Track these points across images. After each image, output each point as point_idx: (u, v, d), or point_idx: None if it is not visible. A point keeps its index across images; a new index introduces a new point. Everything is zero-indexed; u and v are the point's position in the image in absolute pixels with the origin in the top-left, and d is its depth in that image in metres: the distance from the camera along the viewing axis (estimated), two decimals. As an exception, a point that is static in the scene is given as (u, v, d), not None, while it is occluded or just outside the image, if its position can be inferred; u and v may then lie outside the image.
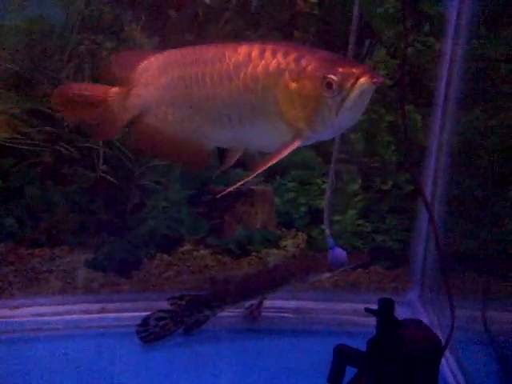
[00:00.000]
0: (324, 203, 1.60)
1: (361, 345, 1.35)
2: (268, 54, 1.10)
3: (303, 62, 1.07)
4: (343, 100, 1.04)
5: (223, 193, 1.21)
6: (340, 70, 1.03)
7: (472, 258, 1.74)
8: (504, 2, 1.65)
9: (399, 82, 1.69)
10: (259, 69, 1.10)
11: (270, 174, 2.09)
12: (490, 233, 1.70)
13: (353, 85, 1.02)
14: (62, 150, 1.87)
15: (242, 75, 1.12)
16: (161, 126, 1.26)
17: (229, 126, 1.17)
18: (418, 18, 1.88)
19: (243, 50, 1.13)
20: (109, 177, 1.87)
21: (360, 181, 2.06)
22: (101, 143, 1.85)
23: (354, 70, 1.03)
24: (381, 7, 1.80)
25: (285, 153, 1.10)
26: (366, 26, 1.81)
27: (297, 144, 1.11)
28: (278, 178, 2.11)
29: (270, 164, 1.12)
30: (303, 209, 2.09)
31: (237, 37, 1.78)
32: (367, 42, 1.92)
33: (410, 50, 1.87)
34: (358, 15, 1.31)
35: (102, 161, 1.85)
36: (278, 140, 1.13)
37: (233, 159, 1.27)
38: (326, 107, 1.05)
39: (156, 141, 1.28)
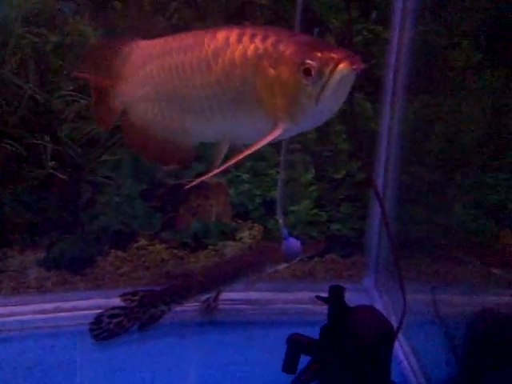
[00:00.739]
0: (277, 194, 1.60)
1: (317, 333, 1.36)
2: (246, 38, 1.03)
3: (281, 47, 1.00)
4: (323, 87, 0.96)
5: (194, 183, 1.13)
6: (319, 55, 0.96)
7: (424, 242, 1.77)
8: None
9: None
10: (237, 54, 1.04)
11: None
12: (439, 218, 1.73)
13: (332, 71, 0.95)
14: (8, 147, 1.82)
15: (220, 62, 1.05)
16: (144, 124, 1.20)
17: (211, 119, 1.10)
18: (366, 6, 1.89)
19: (221, 35, 1.06)
20: (58, 173, 1.82)
21: (313, 170, 2.07)
22: (48, 139, 1.80)
23: (333, 55, 0.96)
24: (328, -4, 1.80)
25: (262, 143, 1.03)
26: (314, 15, 1.81)
27: (276, 134, 1.03)
28: (232, 169, 2.10)
29: (246, 154, 1.04)
30: (258, 200, 2.09)
31: (185, 28, 1.75)
32: (316, 31, 1.92)
33: (358, 38, 1.88)
34: (301, 3, 1.30)
35: (49, 157, 1.80)
36: (261, 131, 1.06)
37: (220, 155, 1.18)
38: (305, 95, 0.98)
39: (140, 140, 1.22)
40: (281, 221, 1.59)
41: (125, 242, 2.00)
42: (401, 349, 1.64)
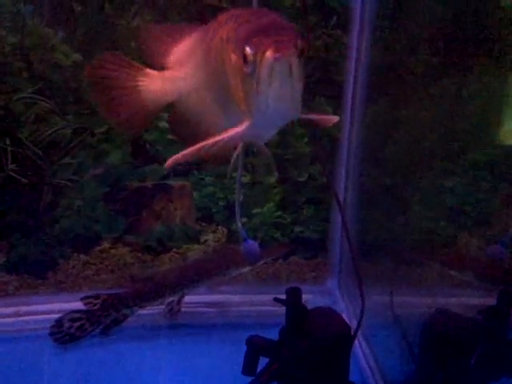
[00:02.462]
0: (235, 196, 1.60)
1: (275, 335, 1.37)
2: (226, 20, 0.95)
3: (240, 31, 0.90)
4: (258, 77, 0.86)
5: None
6: (254, 40, 0.86)
7: (384, 245, 1.79)
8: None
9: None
10: (216, 39, 0.97)
11: (187, 169, 2.09)
12: (399, 221, 1.76)
13: (261, 59, 0.85)
14: (-34, 149, 1.79)
15: (213, 47, 0.98)
16: (190, 118, 1.13)
17: (227, 112, 1.02)
18: (327, 11, 1.91)
19: (220, 18, 0.98)
20: (18, 176, 1.80)
21: (276, 173, 2.08)
22: (8, 141, 1.78)
23: (264, 41, 0.84)
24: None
25: (220, 137, 0.94)
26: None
27: (237, 130, 0.94)
28: (195, 172, 2.11)
29: (204, 145, 0.94)
30: (222, 203, 2.10)
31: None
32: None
33: (317, 42, 1.90)
34: (256, 6, 1.29)
35: (10, 160, 1.78)
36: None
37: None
38: (247, 84, 0.89)
39: (186, 133, 1.14)
40: (239, 224, 1.60)
41: (87, 245, 1.99)
42: (360, 349, 1.66)
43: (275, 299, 1.34)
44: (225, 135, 0.95)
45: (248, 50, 0.86)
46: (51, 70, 1.82)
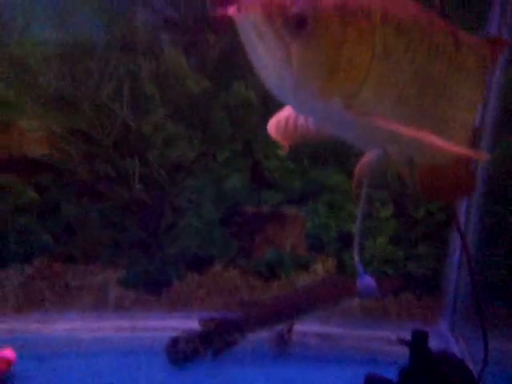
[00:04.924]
0: (355, 229, 1.58)
1: (388, 373, 1.34)
2: None
3: None
4: None
5: None
6: None
7: (506, 288, 1.71)
8: None
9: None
10: None
11: (302, 198, 2.10)
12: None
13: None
14: (99, 167, 1.90)
15: None
16: None
17: None
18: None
19: None
20: (143, 196, 1.89)
21: (391, 207, 2.05)
22: (137, 162, 1.87)
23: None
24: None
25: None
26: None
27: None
28: (309, 201, 2.11)
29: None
30: (334, 233, 2.08)
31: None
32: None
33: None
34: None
35: (137, 179, 1.87)
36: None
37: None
38: None
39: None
40: (357, 258, 1.57)
41: (201, 266, 2.04)
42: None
43: (399, 340, 1.31)
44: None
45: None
46: (182, 96, 1.90)
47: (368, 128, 0.84)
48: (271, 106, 1.09)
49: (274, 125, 1.23)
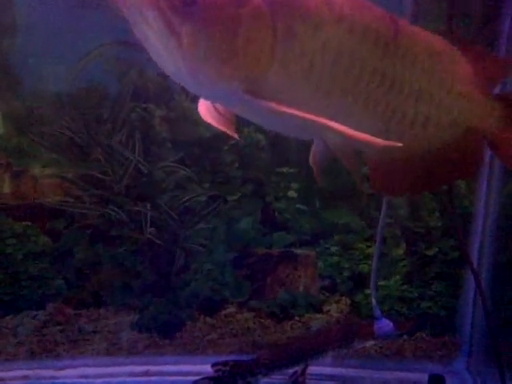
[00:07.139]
0: (372, 269, 1.57)
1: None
2: None
3: None
4: None
5: None
6: None
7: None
8: None
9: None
10: None
11: (313, 238, 2.10)
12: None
13: None
14: (112, 212, 1.92)
15: None
16: None
17: None
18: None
19: None
20: (155, 239, 1.90)
21: (404, 245, 2.05)
22: (148, 206, 1.90)
23: None
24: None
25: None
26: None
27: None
28: (321, 241, 2.12)
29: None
30: (346, 273, 2.08)
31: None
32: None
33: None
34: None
35: (149, 223, 1.89)
36: None
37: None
38: None
39: None
40: (374, 300, 1.56)
41: (214, 308, 2.03)
42: None
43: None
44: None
45: None
46: (192, 141, 1.93)
47: (281, 114, 0.78)
48: (280, 147, 1.12)
49: (203, 106, 1.02)
